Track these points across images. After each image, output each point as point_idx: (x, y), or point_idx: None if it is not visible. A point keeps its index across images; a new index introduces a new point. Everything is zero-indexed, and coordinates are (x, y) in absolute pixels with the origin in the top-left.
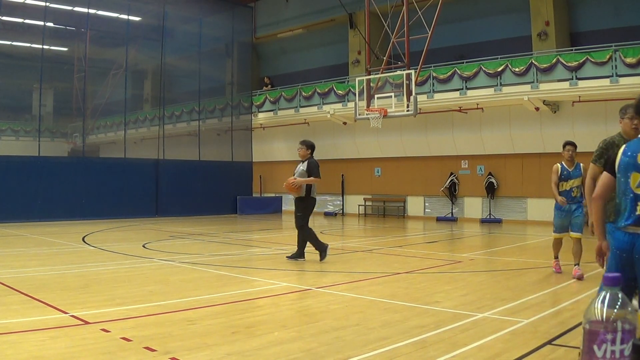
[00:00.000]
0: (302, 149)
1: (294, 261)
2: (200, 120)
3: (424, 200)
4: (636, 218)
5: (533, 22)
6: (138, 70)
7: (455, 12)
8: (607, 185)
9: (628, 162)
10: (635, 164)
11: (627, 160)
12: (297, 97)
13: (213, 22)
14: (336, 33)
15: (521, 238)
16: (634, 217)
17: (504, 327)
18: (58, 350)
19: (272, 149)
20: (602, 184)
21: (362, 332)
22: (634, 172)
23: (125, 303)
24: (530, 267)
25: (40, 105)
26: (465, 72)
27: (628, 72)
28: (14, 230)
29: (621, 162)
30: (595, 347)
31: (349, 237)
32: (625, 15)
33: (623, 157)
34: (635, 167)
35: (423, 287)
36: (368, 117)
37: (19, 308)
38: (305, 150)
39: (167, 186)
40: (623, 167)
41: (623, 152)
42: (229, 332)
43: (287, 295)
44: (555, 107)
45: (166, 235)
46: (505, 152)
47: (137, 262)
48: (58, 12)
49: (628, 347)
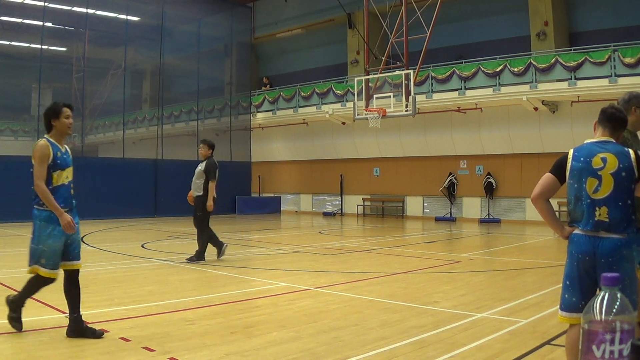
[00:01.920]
0: (204, 149)
1: (195, 264)
2: (199, 120)
3: (423, 200)
4: (595, 223)
5: (532, 22)
6: (137, 71)
7: (454, 12)
8: (549, 186)
9: (582, 168)
10: (589, 169)
11: (581, 166)
12: (296, 97)
13: (212, 22)
14: (335, 33)
15: (520, 238)
16: (593, 223)
17: (503, 327)
18: (57, 351)
19: (270, 149)
20: (545, 184)
21: (360, 332)
22: (590, 177)
23: (124, 303)
24: (529, 267)
25: (39, 105)
26: (464, 72)
27: (627, 72)
28: (13, 230)
29: (574, 168)
30: (594, 347)
31: (347, 237)
32: (624, 16)
33: (575, 162)
34: (590, 172)
35: (422, 287)
36: (367, 117)
37: None
38: (207, 150)
39: (166, 186)
40: (577, 173)
41: (574, 157)
42: (228, 332)
43: (285, 295)
44: (554, 107)
45: (165, 235)
46: (504, 152)
47: (136, 262)
48: (57, 12)
49: (627, 347)
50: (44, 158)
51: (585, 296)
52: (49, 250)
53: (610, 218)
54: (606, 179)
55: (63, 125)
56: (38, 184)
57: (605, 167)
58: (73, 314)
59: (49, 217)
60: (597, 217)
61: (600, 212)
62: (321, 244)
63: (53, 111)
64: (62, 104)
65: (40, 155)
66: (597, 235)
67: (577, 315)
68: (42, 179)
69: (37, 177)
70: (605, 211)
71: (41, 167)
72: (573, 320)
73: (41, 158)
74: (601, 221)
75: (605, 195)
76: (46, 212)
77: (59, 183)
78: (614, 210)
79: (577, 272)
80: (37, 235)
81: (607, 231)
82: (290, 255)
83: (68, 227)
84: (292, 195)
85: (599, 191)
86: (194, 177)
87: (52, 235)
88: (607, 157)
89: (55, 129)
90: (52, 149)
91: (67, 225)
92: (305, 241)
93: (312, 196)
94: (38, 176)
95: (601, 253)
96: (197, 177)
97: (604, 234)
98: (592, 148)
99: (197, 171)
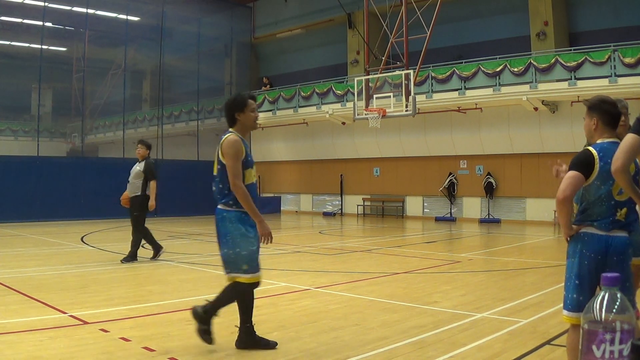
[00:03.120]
0: (142, 149)
1: (130, 264)
2: (199, 120)
3: (423, 200)
4: (612, 222)
5: (532, 22)
6: (137, 70)
7: (454, 12)
8: (579, 186)
9: (610, 170)
10: None
11: (609, 168)
12: (296, 97)
13: (212, 22)
14: (335, 33)
15: (520, 238)
16: (612, 222)
17: (503, 327)
18: (57, 350)
19: (270, 149)
20: (577, 185)
21: (360, 332)
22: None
23: (124, 303)
24: (529, 267)
25: (39, 105)
26: (464, 72)
27: (627, 72)
28: (12, 230)
29: (603, 169)
30: (594, 347)
31: (347, 237)
32: (624, 16)
33: (603, 164)
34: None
35: (422, 287)
36: (367, 117)
37: (18, 308)
38: (145, 150)
39: (166, 186)
40: (605, 175)
41: (601, 158)
42: (228, 332)
43: (285, 295)
44: (554, 107)
45: (165, 235)
46: (504, 152)
47: (136, 262)
48: (57, 12)
49: (627, 347)
50: (238, 154)
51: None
52: (248, 254)
53: (626, 218)
54: None
55: (249, 119)
56: (238, 184)
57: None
58: (246, 324)
59: (240, 217)
60: (617, 217)
61: (621, 213)
62: (321, 244)
63: (238, 104)
64: (248, 95)
65: (235, 151)
66: (609, 234)
67: None
68: (241, 178)
69: (235, 175)
70: (625, 212)
71: (237, 163)
72: (580, 321)
73: (236, 154)
74: (619, 220)
75: (627, 197)
76: (236, 211)
77: (249, 182)
78: (631, 211)
79: (588, 271)
80: (232, 239)
81: (620, 229)
82: (290, 255)
83: (268, 238)
84: (292, 195)
85: (622, 193)
86: (130, 178)
87: (247, 237)
88: None
89: (239, 123)
90: (243, 145)
91: (267, 236)
92: (305, 241)
93: (312, 196)
94: (236, 175)
95: (614, 251)
96: (134, 178)
97: (616, 232)
98: (614, 149)
99: (135, 172)
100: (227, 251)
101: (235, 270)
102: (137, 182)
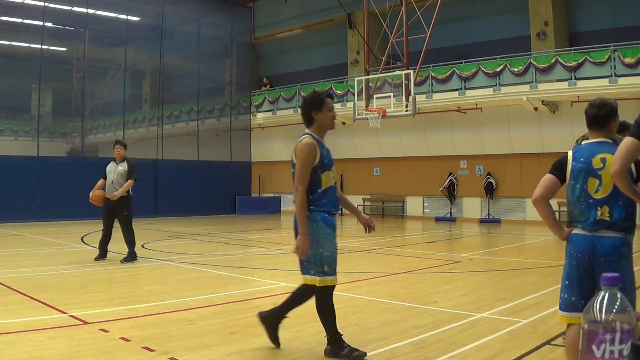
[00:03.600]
0: (122, 150)
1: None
2: (199, 120)
3: (423, 201)
4: (596, 222)
5: (532, 22)
6: (137, 70)
7: (454, 12)
8: (550, 187)
9: (582, 168)
10: (590, 169)
11: (581, 166)
12: (296, 97)
13: (212, 22)
14: (335, 33)
15: (520, 238)
16: (594, 222)
17: (503, 327)
18: (57, 350)
19: (271, 149)
20: (547, 186)
21: (361, 332)
22: (591, 177)
23: (124, 303)
24: (529, 267)
25: (39, 105)
26: (464, 72)
27: (627, 72)
28: (12, 230)
29: (574, 168)
30: (594, 347)
31: (347, 237)
32: (624, 16)
33: (575, 163)
34: (591, 173)
35: (422, 287)
36: (367, 117)
37: (18, 308)
38: (124, 151)
39: (166, 186)
40: (577, 173)
41: (574, 158)
42: (228, 332)
43: (286, 295)
44: (554, 107)
45: (165, 235)
46: (504, 152)
47: (136, 262)
48: (57, 12)
49: (627, 347)
50: (309, 160)
51: (584, 296)
52: (331, 255)
53: (612, 217)
54: (606, 178)
55: (326, 118)
56: (299, 188)
57: (605, 167)
58: (284, 312)
59: (324, 217)
60: (599, 216)
61: (602, 211)
62: None
63: (316, 102)
64: (326, 94)
65: (306, 155)
66: (596, 234)
67: (576, 314)
68: (306, 184)
69: (299, 179)
70: (607, 210)
71: (306, 169)
72: (573, 320)
73: (307, 159)
74: (603, 220)
75: (605, 194)
76: (319, 212)
77: (327, 185)
78: (616, 209)
79: (577, 272)
80: (315, 240)
81: (608, 229)
82: (290, 255)
83: (301, 252)
84: (292, 196)
85: (599, 191)
86: (114, 178)
87: (331, 238)
88: (606, 157)
89: (316, 123)
90: (319, 148)
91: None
92: None
93: None
94: (301, 179)
95: (600, 252)
96: (120, 178)
97: (603, 233)
98: (591, 148)
99: (120, 172)
100: (310, 251)
101: (315, 271)
102: (123, 182)
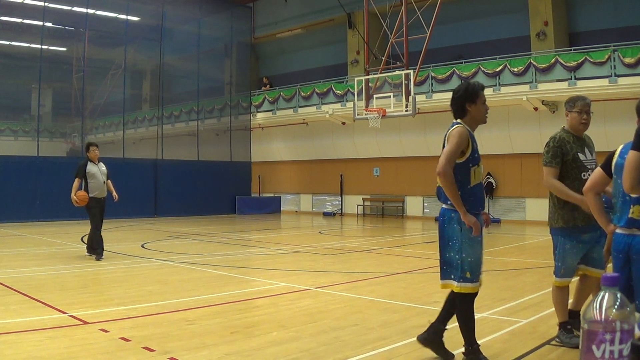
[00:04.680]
0: (98, 150)
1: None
2: (199, 120)
3: (423, 201)
4: (628, 220)
5: (532, 22)
6: (137, 70)
7: (454, 12)
8: (597, 181)
9: (623, 165)
10: None
11: (622, 162)
12: (296, 97)
13: (212, 22)
14: (335, 33)
15: (520, 238)
16: (627, 220)
17: (503, 327)
18: (57, 350)
19: (270, 149)
20: (593, 179)
21: (360, 332)
22: None
23: (124, 303)
24: (529, 267)
25: (39, 105)
26: (464, 72)
27: (627, 72)
28: (12, 230)
29: (617, 164)
30: (594, 347)
31: (347, 237)
32: (624, 15)
33: (619, 159)
34: None
35: (422, 287)
36: (367, 117)
37: (18, 308)
38: (99, 152)
39: (166, 186)
40: (618, 169)
41: (620, 154)
42: (228, 332)
43: (285, 295)
44: (554, 107)
45: (165, 235)
46: (504, 152)
47: (136, 262)
48: (57, 12)
49: (627, 347)
50: (461, 143)
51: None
52: (474, 261)
53: None
54: None
55: (480, 112)
56: (446, 168)
57: None
58: (442, 325)
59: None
60: (631, 214)
61: (634, 210)
62: (321, 244)
63: (470, 94)
64: (480, 86)
65: (459, 139)
66: (631, 233)
67: None
68: (453, 164)
69: (448, 160)
70: (638, 209)
71: (456, 149)
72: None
73: (459, 143)
74: (634, 219)
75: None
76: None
77: (476, 182)
78: None
79: (619, 270)
80: (460, 242)
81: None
82: (290, 255)
83: (477, 227)
84: (292, 195)
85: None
86: (101, 179)
87: (477, 242)
88: None
89: (469, 115)
90: (471, 140)
91: (475, 224)
92: (305, 241)
93: (312, 196)
94: (449, 159)
95: (636, 250)
96: (106, 178)
97: (636, 232)
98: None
99: (105, 172)
100: (452, 255)
101: (455, 276)
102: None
